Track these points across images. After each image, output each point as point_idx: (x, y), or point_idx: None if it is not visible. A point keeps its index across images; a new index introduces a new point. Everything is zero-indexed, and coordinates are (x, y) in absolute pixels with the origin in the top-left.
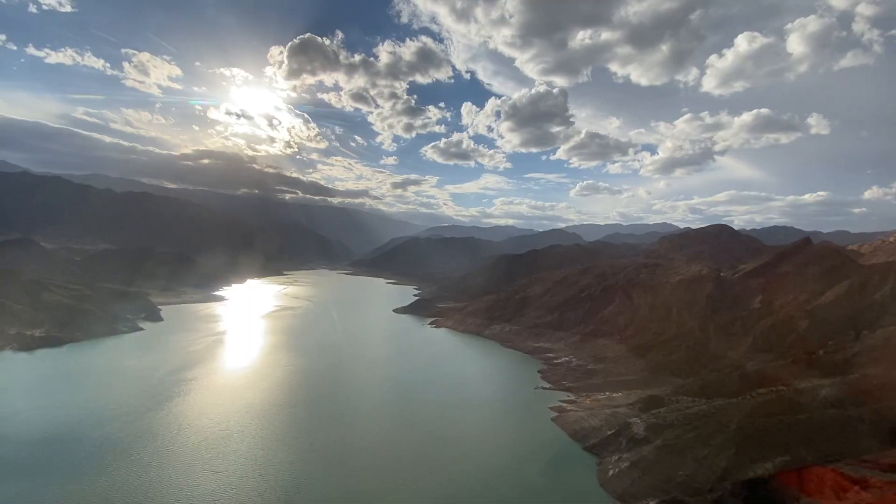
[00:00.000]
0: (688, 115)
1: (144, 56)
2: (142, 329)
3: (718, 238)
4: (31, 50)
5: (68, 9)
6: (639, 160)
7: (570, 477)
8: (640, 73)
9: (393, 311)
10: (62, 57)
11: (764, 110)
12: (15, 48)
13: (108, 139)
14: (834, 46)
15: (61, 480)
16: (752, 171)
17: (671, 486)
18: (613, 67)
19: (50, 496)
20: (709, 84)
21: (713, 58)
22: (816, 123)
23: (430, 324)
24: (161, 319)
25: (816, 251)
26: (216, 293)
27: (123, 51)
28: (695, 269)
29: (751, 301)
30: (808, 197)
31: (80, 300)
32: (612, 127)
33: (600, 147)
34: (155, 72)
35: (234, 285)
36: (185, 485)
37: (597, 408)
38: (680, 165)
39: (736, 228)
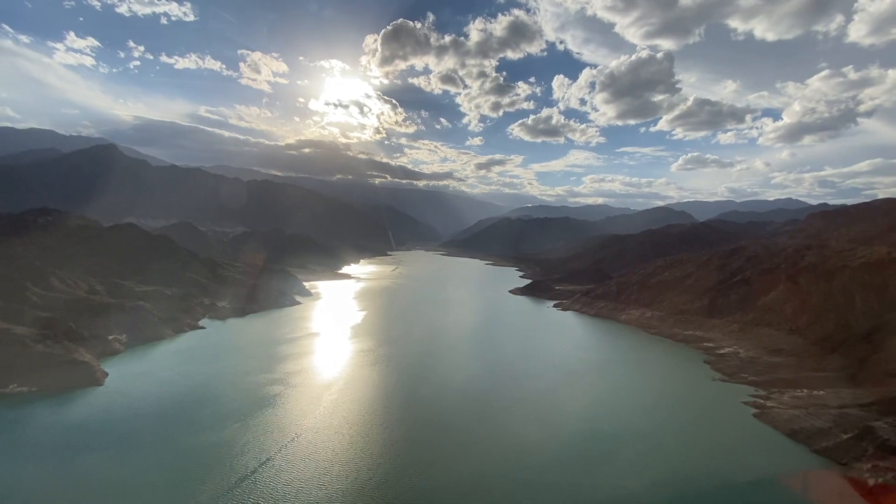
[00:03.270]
0: (826, 72)
1: (256, 55)
2: (299, 303)
3: (890, 214)
4: (163, 58)
5: (192, 17)
6: (757, 127)
7: None
8: (766, 26)
9: (508, 292)
10: (187, 62)
11: None
12: (151, 58)
13: (226, 134)
14: None
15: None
16: None
17: None
18: (733, 23)
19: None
20: (857, 32)
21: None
22: None
23: (553, 306)
24: (310, 294)
25: None
26: (340, 272)
27: (239, 52)
28: (881, 250)
29: None
30: None
31: (246, 276)
32: (725, 91)
33: (711, 115)
34: (265, 69)
35: (351, 265)
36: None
37: (810, 406)
38: (810, 132)
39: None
